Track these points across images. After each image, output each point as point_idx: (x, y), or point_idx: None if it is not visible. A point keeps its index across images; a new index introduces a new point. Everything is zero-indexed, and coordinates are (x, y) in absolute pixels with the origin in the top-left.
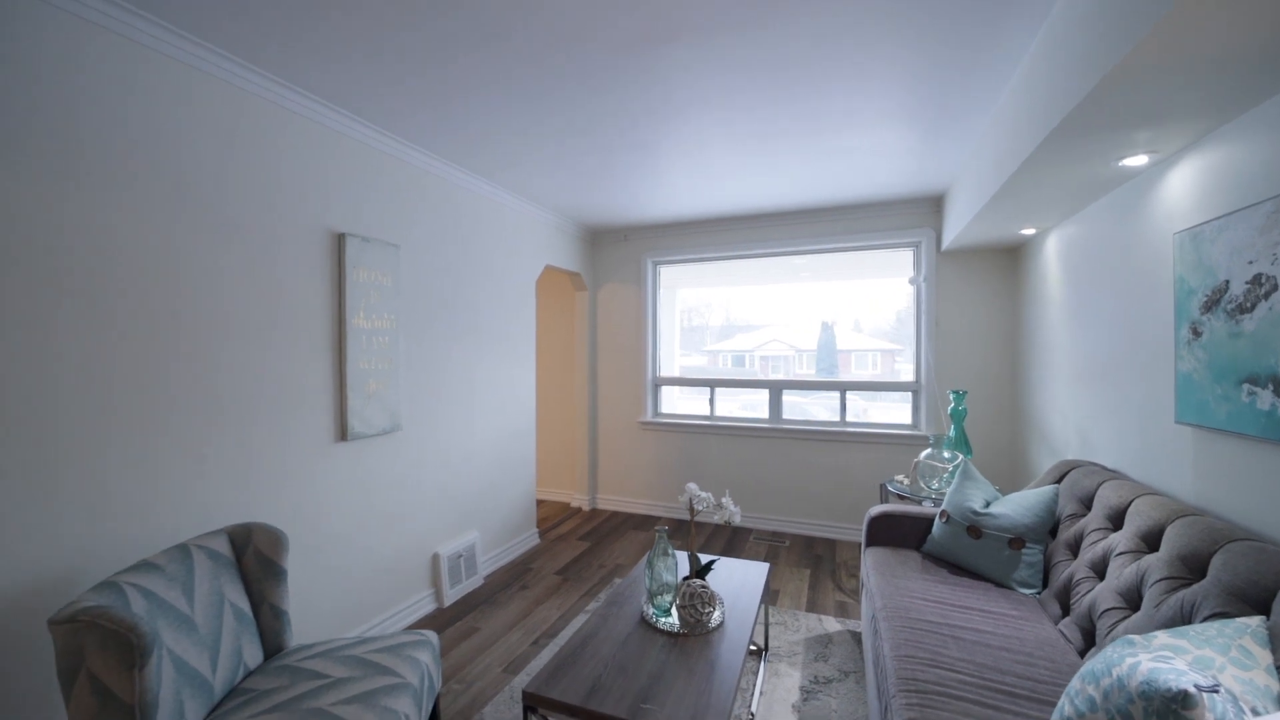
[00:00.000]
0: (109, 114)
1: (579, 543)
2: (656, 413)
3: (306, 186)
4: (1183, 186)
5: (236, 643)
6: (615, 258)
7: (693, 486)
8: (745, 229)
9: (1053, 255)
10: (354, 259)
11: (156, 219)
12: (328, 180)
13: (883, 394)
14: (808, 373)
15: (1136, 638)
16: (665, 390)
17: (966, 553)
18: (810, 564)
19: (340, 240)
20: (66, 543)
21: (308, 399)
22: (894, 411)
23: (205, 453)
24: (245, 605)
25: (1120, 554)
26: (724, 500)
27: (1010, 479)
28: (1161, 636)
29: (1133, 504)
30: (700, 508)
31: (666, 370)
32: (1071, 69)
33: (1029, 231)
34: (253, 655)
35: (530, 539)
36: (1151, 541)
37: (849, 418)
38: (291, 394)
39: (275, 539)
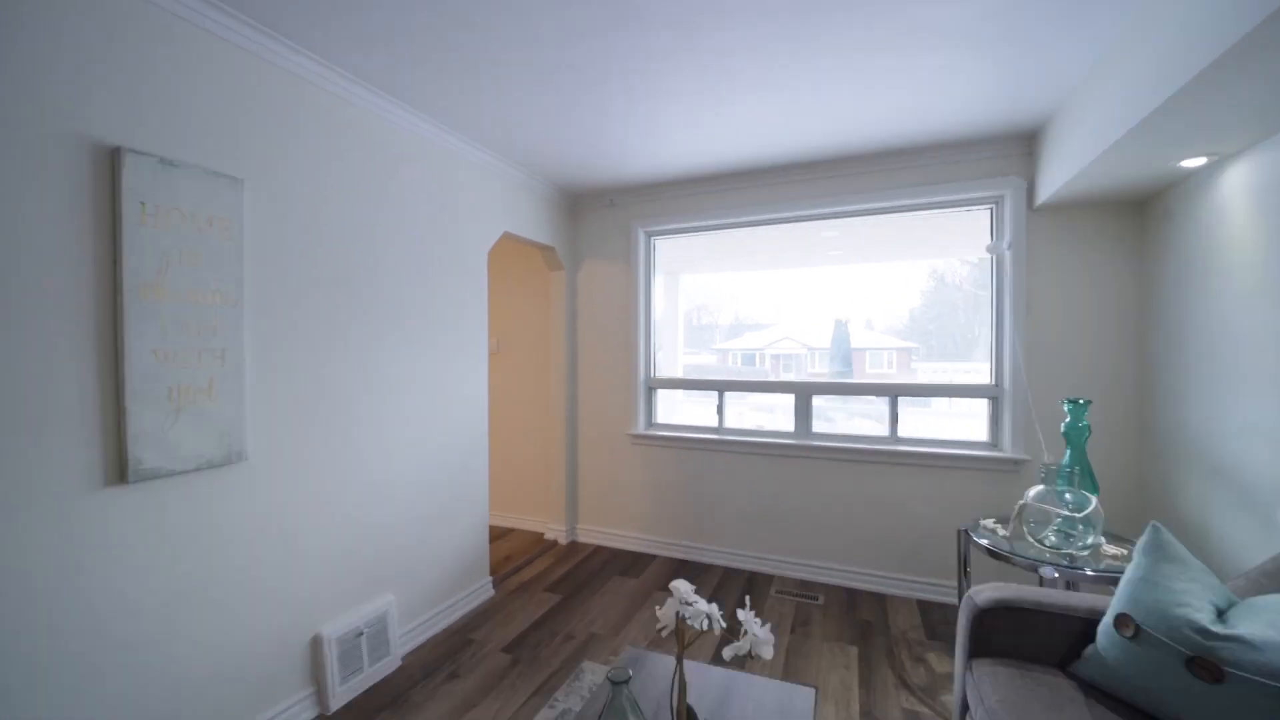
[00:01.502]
0: None
1: (546, 595)
2: (651, 423)
3: (40, 62)
4: None
5: None
6: (599, 228)
7: (681, 587)
8: (764, 186)
9: (1239, 195)
10: (143, 189)
11: None
12: (92, 60)
13: (920, 402)
14: (819, 372)
15: None
16: (663, 395)
17: (1184, 702)
18: (856, 635)
19: (114, 157)
20: None
21: (36, 417)
22: (939, 423)
23: None
24: None
25: None
26: (748, 619)
27: (1139, 529)
28: None
29: None
30: (695, 625)
31: (666, 370)
32: None
33: (1194, 162)
34: None
35: (480, 592)
36: None
37: (873, 430)
38: None
39: None
